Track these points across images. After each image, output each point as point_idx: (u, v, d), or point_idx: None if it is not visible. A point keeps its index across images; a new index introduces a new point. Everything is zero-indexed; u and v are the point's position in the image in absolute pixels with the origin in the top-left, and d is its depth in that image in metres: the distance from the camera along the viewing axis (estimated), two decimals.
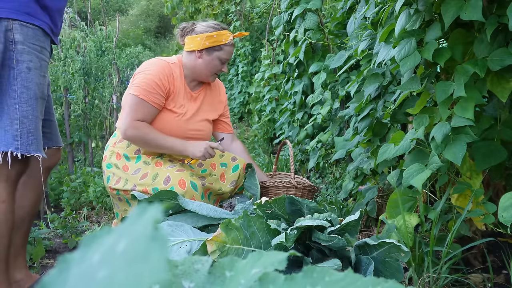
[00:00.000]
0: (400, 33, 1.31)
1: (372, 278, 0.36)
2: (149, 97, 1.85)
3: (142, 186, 1.81)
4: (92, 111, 3.73)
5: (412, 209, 1.35)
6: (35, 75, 1.33)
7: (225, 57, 1.97)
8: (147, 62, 1.96)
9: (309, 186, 2.10)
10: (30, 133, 1.32)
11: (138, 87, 1.85)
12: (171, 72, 1.92)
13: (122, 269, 0.27)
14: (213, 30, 1.93)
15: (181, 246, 1.30)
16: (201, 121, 2.03)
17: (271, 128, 4.43)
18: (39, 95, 1.36)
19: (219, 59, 1.95)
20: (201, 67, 1.96)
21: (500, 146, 1.23)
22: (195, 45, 1.94)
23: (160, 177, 1.81)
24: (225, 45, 1.94)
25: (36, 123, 1.34)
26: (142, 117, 1.86)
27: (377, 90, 1.72)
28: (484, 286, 1.32)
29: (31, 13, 1.33)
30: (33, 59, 1.32)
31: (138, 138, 1.85)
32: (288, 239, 1.20)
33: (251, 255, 0.44)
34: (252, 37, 6.39)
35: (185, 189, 1.77)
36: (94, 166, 3.64)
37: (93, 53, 3.72)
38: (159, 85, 1.86)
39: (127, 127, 1.83)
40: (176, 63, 1.97)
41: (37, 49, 1.34)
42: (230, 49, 1.97)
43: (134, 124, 1.84)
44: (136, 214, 0.32)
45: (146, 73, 1.87)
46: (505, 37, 1.19)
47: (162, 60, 1.95)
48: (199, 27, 1.95)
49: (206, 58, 1.94)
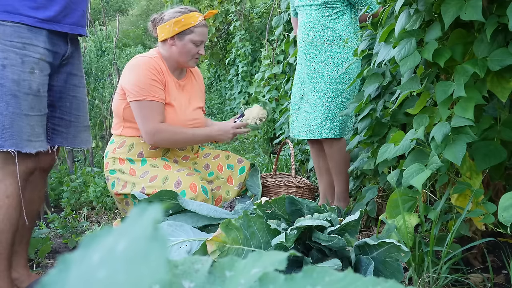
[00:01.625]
0: (400, 33, 1.31)
1: (372, 278, 0.36)
2: (155, 96, 1.84)
3: (152, 189, 1.80)
4: (92, 111, 3.73)
5: (412, 209, 1.35)
6: (11, 72, 1.31)
7: (198, 38, 1.92)
8: (131, 66, 1.91)
9: (309, 186, 2.10)
10: (5, 129, 1.33)
11: (141, 90, 1.83)
12: (157, 66, 1.90)
13: (122, 269, 0.27)
14: (180, 15, 1.90)
15: (181, 246, 1.30)
16: (195, 110, 2.04)
17: (271, 128, 4.43)
18: (22, 91, 1.34)
19: (192, 42, 1.91)
20: (177, 54, 1.92)
21: (500, 146, 1.22)
22: (165, 33, 1.91)
23: (171, 180, 1.81)
24: (195, 27, 1.90)
25: (14, 119, 1.33)
26: (161, 117, 1.86)
27: (377, 90, 1.72)
28: (484, 286, 1.32)
29: (10, 10, 1.32)
30: (9, 56, 1.31)
31: (167, 140, 1.88)
32: (288, 239, 1.20)
33: (251, 255, 0.44)
34: (252, 37, 6.38)
35: (196, 193, 1.77)
36: (94, 166, 3.64)
37: (93, 53, 3.72)
38: (155, 80, 1.86)
39: (155, 133, 1.83)
40: (157, 57, 1.94)
41: (17, 46, 1.33)
42: (201, 30, 1.92)
43: (159, 128, 1.84)
44: (136, 214, 0.32)
45: (139, 75, 1.85)
46: (505, 37, 1.19)
47: (144, 57, 1.92)
48: (167, 15, 1.92)
49: (179, 43, 1.91)
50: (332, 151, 2.10)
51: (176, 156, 2.03)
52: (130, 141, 1.93)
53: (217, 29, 7.13)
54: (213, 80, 8.80)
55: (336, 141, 2.09)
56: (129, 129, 1.94)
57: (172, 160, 2.00)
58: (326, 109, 2.04)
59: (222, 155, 2.15)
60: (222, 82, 8.08)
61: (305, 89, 2.14)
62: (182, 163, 2.04)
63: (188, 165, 2.05)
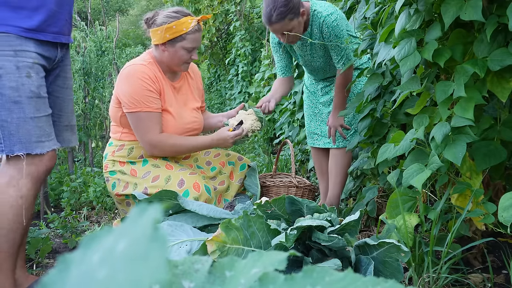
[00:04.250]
0: (400, 33, 1.31)
1: (372, 278, 0.36)
2: (150, 106, 1.82)
3: (155, 188, 1.79)
4: (92, 111, 3.73)
5: (412, 209, 1.35)
6: (8, 80, 1.36)
7: (190, 45, 1.87)
8: (125, 76, 1.86)
9: (309, 186, 2.10)
10: (11, 135, 1.38)
11: (136, 101, 1.80)
12: (152, 73, 1.87)
13: (122, 269, 0.27)
14: (172, 20, 1.83)
15: (181, 246, 1.30)
16: (193, 111, 2.03)
17: (271, 128, 4.43)
18: (24, 95, 1.38)
19: (183, 48, 1.86)
20: (168, 60, 1.89)
21: (500, 146, 1.22)
22: (157, 39, 1.86)
23: (174, 180, 1.81)
24: (187, 33, 1.84)
25: (19, 124, 1.38)
26: (158, 127, 1.85)
27: (377, 90, 1.72)
28: (484, 286, 1.32)
29: None
30: (3, 65, 1.35)
31: (168, 150, 1.88)
32: (288, 239, 1.20)
33: (251, 255, 0.44)
34: (252, 37, 6.38)
35: (199, 192, 1.77)
36: (94, 166, 3.64)
37: (93, 53, 3.72)
38: (150, 90, 1.83)
39: (154, 145, 1.84)
40: (151, 62, 1.91)
41: (9, 54, 1.36)
42: (193, 37, 1.86)
43: (157, 139, 1.83)
44: (136, 214, 0.32)
45: (133, 86, 1.81)
46: (505, 37, 1.19)
47: (137, 65, 1.87)
48: (159, 18, 1.86)
49: (171, 50, 1.86)
50: (337, 153, 2.17)
51: (176, 157, 2.03)
52: (129, 145, 1.93)
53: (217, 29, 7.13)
54: (213, 80, 8.80)
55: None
56: (127, 134, 1.94)
57: (173, 160, 2.00)
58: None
59: (223, 153, 2.15)
60: (222, 82, 8.08)
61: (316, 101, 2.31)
62: (183, 161, 2.04)
63: (189, 163, 2.05)
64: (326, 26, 1.96)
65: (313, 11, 2.00)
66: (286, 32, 1.92)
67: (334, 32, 1.96)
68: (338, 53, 2.00)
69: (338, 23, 1.96)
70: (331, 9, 1.98)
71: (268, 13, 1.88)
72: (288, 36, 1.94)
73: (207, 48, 7.57)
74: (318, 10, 1.98)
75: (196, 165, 2.06)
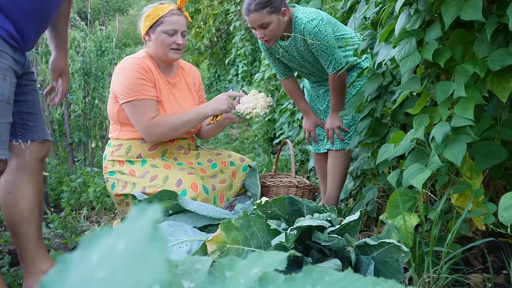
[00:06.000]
0: (400, 33, 1.31)
1: (372, 278, 0.36)
2: (145, 94, 1.85)
3: (153, 188, 1.79)
4: (92, 111, 3.73)
5: (412, 209, 1.35)
6: None
7: (169, 27, 1.89)
8: (119, 69, 1.92)
9: (309, 186, 2.10)
10: None
11: (131, 90, 1.83)
12: (145, 65, 1.91)
13: (121, 269, 0.27)
14: (150, 9, 1.92)
15: (181, 246, 1.30)
16: (189, 108, 2.03)
17: (271, 128, 4.43)
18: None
19: (163, 32, 1.89)
20: (154, 48, 1.93)
21: (500, 146, 1.22)
22: (142, 30, 1.94)
23: (172, 180, 1.81)
24: (164, 17, 1.89)
25: None
26: (154, 113, 1.87)
27: (377, 90, 1.71)
28: (484, 286, 1.32)
29: None
30: None
31: (163, 132, 1.88)
32: (288, 239, 1.20)
33: (251, 255, 0.44)
34: (252, 37, 6.39)
35: (197, 192, 1.77)
36: (94, 166, 3.64)
37: (93, 53, 3.72)
38: (144, 79, 1.87)
39: (149, 129, 1.85)
40: (145, 56, 1.95)
41: None
42: (171, 19, 1.89)
43: (151, 123, 1.85)
44: (136, 214, 0.32)
45: (127, 76, 1.85)
46: (505, 37, 1.19)
47: (131, 58, 1.93)
48: (143, 13, 1.95)
49: (153, 37, 1.91)
50: (336, 154, 2.18)
51: (176, 155, 2.03)
52: (127, 143, 1.94)
53: (217, 29, 7.13)
54: (213, 80, 8.80)
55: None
56: (125, 132, 1.95)
57: (172, 159, 2.00)
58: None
59: (224, 153, 2.15)
60: (222, 82, 8.08)
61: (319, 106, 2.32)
62: (183, 158, 2.03)
63: (190, 160, 2.04)
64: (308, 33, 1.92)
65: (294, 17, 1.97)
66: (263, 26, 1.91)
67: (317, 38, 1.92)
68: (325, 58, 1.98)
69: (321, 28, 1.91)
70: (313, 15, 1.94)
71: (248, 2, 1.90)
72: (264, 34, 1.93)
73: (207, 48, 7.57)
74: (299, 17, 1.95)
75: (197, 161, 2.05)
